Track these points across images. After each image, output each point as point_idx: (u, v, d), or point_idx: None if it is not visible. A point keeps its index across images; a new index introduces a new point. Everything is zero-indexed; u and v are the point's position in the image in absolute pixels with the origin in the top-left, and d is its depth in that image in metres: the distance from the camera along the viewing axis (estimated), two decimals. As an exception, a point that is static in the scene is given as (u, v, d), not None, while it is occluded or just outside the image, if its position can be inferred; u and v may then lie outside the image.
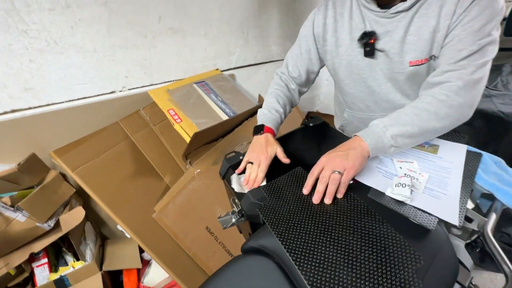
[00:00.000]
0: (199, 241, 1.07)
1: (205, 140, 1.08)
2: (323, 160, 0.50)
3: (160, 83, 1.18)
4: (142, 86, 1.15)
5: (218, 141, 1.16)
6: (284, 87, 0.77)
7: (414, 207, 0.44)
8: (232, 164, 0.68)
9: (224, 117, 1.10)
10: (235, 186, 0.61)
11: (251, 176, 0.59)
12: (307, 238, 0.41)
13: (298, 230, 0.43)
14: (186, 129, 1.03)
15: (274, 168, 0.62)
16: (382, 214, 0.43)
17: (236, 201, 0.63)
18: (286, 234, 0.43)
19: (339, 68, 0.71)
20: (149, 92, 1.08)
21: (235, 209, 0.63)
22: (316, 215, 0.45)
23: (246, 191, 0.59)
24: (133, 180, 1.01)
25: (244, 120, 1.17)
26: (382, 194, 0.47)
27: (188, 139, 1.02)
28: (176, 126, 1.04)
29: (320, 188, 0.47)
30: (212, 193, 1.10)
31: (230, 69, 1.36)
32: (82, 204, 1.01)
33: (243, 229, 0.71)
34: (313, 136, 0.76)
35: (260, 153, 0.61)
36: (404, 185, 0.46)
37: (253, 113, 1.20)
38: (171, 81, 1.20)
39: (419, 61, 0.58)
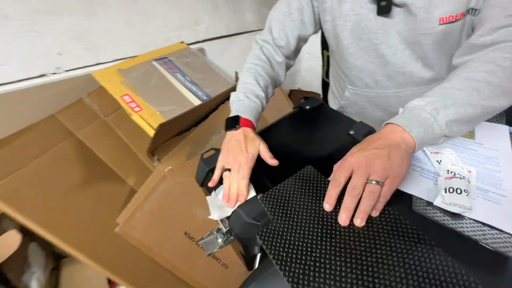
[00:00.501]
0: (178, 250, 0.91)
1: (174, 131, 0.88)
2: (352, 161, 0.34)
3: (109, 62, 0.93)
4: (84, 66, 0.89)
5: (191, 131, 0.96)
6: (266, 63, 0.58)
7: (475, 221, 0.32)
8: (213, 167, 0.51)
9: (196, 102, 0.90)
10: (213, 213, 0.44)
11: (232, 189, 0.43)
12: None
13: (323, 275, 0.29)
14: (148, 120, 0.82)
15: (258, 172, 0.46)
16: (435, 238, 0.30)
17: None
18: (306, 283, 0.28)
19: (342, 32, 0.55)
20: (94, 73, 0.83)
21: (221, 227, 0.48)
22: (346, 246, 0.31)
23: (229, 213, 0.43)
24: (84, 188, 0.80)
25: (220, 104, 0.98)
26: (429, 204, 0.34)
27: (151, 132, 0.82)
28: (135, 116, 0.82)
29: (350, 203, 0.33)
30: (189, 192, 0.93)
31: (198, 42, 1.13)
32: (19, 225, 0.79)
33: (233, 246, 0.56)
34: (312, 122, 0.60)
35: (238, 154, 0.45)
36: (458, 191, 0.33)
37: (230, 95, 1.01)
38: (123, 58, 0.95)
39: (453, 17, 0.44)
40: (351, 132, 0.53)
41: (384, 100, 0.60)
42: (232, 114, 0.52)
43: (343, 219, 0.33)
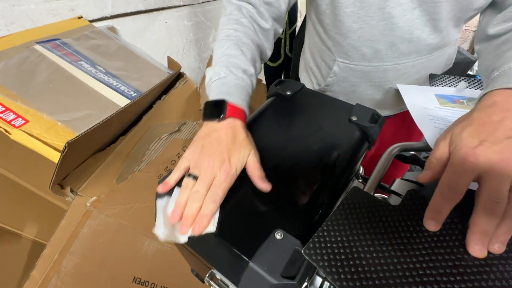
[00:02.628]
0: (127, 306, 0.67)
1: (93, 147, 0.60)
2: (480, 160, 0.23)
3: None
4: None
5: (118, 142, 0.69)
6: (248, 27, 0.43)
7: None
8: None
9: (121, 101, 0.64)
10: (159, 229, 0.30)
11: (189, 209, 0.30)
12: None
13: None
14: (43, 137, 0.52)
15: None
16: None
17: (220, 277, 0.31)
18: None
19: None
20: None
21: (217, 291, 0.30)
22: None
23: (179, 239, 0.30)
24: None
25: (156, 100, 0.74)
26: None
27: (54, 156, 0.52)
28: (17, 134, 0.51)
29: (488, 225, 0.22)
30: (128, 223, 0.69)
31: (105, 18, 0.82)
32: None
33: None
34: (298, 110, 0.47)
35: (216, 162, 0.31)
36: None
37: (167, 87, 0.77)
38: (-27, 41, 0.58)
39: None
40: (354, 118, 0.43)
41: (380, 75, 0.52)
42: (212, 98, 0.36)
43: (478, 248, 0.22)
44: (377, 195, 0.39)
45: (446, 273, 0.21)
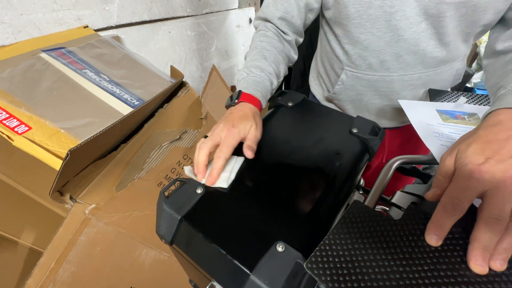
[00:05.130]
0: (124, 318, 0.66)
1: (94, 155, 0.61)
2: (485, 177, 0.23)
3: (-50, 54, 0.56)
4: None
5: (119, 149, 0.70)
6: (273, 38, 0.52)
7: None
8: (187, 213, 0.32)
9: (123, 109, 0.65)
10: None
11: (198, 158, 0.37)
12: None
13: None
14: (45, 144, 0.52)
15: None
16: None
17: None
18: None
19: None
20: None
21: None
22: None
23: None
24: None
25: (158, 109, 0.75)
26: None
27: (55, 163, 0.52)
28: (19, 140, 0.51)
29: (489, 241, 0.22)
30: (128, 231, 0.68)
31: (110, 27, 0.84)
32: None
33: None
34: (300, 121, 0.47)
35: (222, 126, 0.40)
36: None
37: (169, 95, 0.78)
38: (-20, 49, 0.59)
39: None
40: (354, 130, 0.43)
41: (386, 85, 0.52)
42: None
43: (479, 264, 0.22)
44: (378, 207, 0.39)
45: (449, 289, 0.21)
